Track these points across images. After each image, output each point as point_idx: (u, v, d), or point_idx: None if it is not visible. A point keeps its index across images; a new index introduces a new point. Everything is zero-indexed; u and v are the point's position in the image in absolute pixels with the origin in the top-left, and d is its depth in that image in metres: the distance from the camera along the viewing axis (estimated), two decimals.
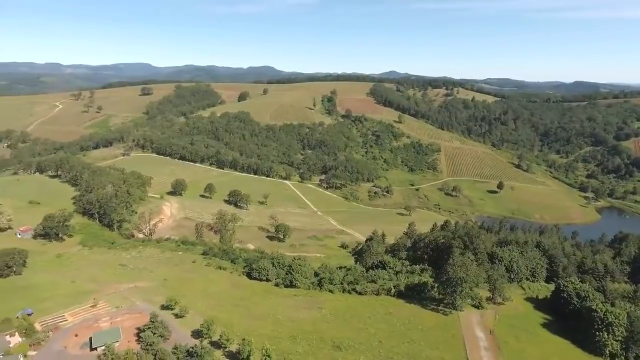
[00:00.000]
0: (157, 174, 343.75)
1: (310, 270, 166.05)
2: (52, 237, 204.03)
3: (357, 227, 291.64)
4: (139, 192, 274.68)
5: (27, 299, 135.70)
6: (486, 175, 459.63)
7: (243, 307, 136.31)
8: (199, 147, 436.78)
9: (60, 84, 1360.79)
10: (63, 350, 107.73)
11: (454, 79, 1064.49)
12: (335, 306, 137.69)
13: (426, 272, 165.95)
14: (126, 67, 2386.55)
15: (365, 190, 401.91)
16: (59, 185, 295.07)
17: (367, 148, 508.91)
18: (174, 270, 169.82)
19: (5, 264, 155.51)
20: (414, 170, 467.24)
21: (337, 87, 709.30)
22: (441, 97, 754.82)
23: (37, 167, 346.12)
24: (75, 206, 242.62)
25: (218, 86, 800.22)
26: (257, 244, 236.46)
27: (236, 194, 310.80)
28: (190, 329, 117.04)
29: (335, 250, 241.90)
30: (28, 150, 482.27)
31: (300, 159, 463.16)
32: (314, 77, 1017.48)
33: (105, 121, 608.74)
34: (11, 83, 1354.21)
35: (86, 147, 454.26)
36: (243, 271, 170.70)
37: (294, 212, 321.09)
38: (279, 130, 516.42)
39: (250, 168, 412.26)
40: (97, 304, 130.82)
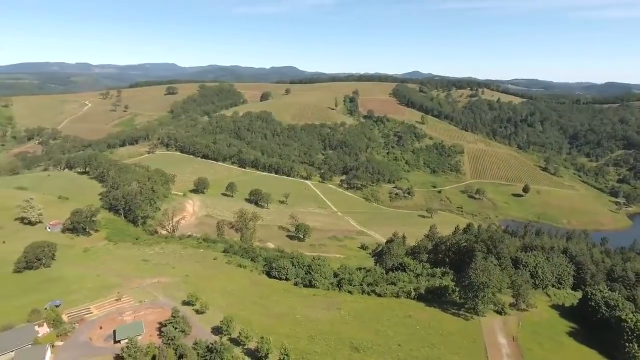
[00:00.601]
0: (181, 172, 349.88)
1: (329, 271, 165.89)
2: (79, 232, 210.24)
3: (377, 229, 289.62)
4: (162, 189, 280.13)
5: (55, 291, 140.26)
6: (511, 178, 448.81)
7: (262, 306, 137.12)
8: (221, 146, 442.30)
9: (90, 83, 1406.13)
10: (88, 341, 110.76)
11: (479, 79, 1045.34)
12: (354, 307, 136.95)
13: (447, 275, 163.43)
14: (152, 67, 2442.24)
15: (386, 192, 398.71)
16: (87, 181, 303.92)
17: (389, 149, 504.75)
18: (196, 267, 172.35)
19: (36, 257, 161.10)
20: (436, 172, 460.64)
21: (359, 87, 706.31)
22: (465, 98, 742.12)
23: (67, 163, 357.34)
24: (102, 202, 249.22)
25: (241, 86, 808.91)
26: (277, 243, 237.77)
27: (257, 193, 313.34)
28: (210, 325, 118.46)
29: (355, 251, 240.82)
30: (58, 147, 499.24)
31: (321, 159, 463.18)
32: (336, 77, 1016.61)
33: (132, 120, 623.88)
34: (43, 82, 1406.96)
35: (113, 144, 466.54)
36: (263, 270, 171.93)
37: (314, 212, 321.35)
38: (301, 130, 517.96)
39: (272, 167, 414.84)
40: (121, 298, 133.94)
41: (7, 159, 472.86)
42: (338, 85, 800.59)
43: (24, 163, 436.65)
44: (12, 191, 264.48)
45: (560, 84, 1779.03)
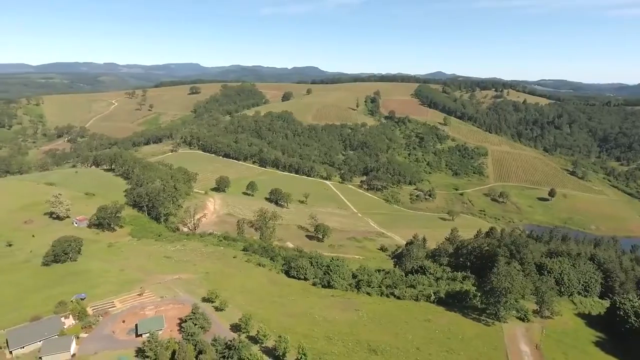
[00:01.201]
0: (203, 170, 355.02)
1: (348, 272, 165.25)
2: (104, 227, 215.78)
3: (397, 230, 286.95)
4: (185, 187, 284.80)
5: (81, 284, 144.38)
6: (536, 181, 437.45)
7: (280, 305, 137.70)
8: (242, 145, 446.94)
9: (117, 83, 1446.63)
10: (111, 334, 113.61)
11: (504, 80, 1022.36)
12: (372, 309, 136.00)
13: (468, 280, 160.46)
14: (176, 67, 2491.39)
15: (406, 193, 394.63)
16: (113, 178, 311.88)
17: (410, 150, 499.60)
18: (216, 265, 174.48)
19: (63, 251, 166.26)
20: (458, 174, 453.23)
21: (381, 88, 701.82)
22: (490, 99, 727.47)
23: (94, 160, 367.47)
24: (127, 199, 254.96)
25: (263, 86, 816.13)
26: (296, 242, 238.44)
27: (277, 192, 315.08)
28: (229, 323, 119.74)
29: (374, 253, 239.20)
30: (86, 144, 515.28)
31: (342, 159, 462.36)
32: (357, 78, 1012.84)
33: (156, 119, 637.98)
34: (73, 82, 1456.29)
35: (138, 143, 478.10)
36: (281, 269, 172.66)
37: (334, 212, 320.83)
38: (321, 130, 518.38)
39: (292, 167, 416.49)
40: (144, 293, 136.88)
41: (37, 156, 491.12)
42: (359, 85, 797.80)
43: (53, 160, 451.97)
44: (42, 187, 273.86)
45: (590, 85, 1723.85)
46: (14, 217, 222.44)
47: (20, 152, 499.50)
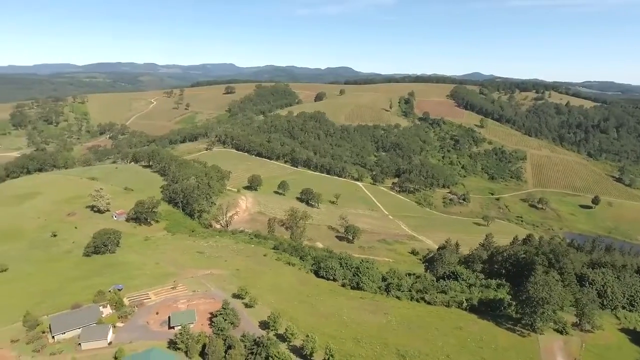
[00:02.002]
0: (236, 168, 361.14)
1: (377, 274, 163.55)
2: (141, 221, 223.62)
3: (429, 234, 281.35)
4: (218, 185, 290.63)
5: (118, 276, 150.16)
6: (579, 188, 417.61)
7: (309, 304, 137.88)
8: (275, 144, 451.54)
9: (156, 83, 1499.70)
10: (146, 325, 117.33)
11: (546, 81, 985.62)
12: (401, 313, 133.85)
13: (503, 287, 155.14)
14: (213, 67, 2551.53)
15: (440, 197, 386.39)
16: (150, 174, 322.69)
17: (444, 152, 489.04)
18: (246, 262, 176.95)
19: (103, 243, 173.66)
20: (494, 178, 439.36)
21: (415, 89, 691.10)
22: (530, 101, 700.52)
23: (133, 157, 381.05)
24: (163, 195, 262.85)
25: (296, 86, 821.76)
26: (326, 243, 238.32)
27: (308, 192, 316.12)
28: (257, 320, 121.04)
29: (405, 256, 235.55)
30: (126, 141, 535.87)
31: (374, 160, 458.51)
32: (391, 78, 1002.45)
33: (192, 117, 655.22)
34: (115, 81, 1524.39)
35: (174, 140, 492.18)
36: (311, 269, 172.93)
37: (365, 214, 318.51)
38: (354, 131, 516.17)
39: (323, 167, 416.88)
40: (177, 287, 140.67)
41: (81, 152, 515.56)
42: (393, 86, 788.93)
43: (95, 155, 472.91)
44: (84, 181, 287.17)
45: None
46: (59, 209, 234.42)
47: (65, 148, 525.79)
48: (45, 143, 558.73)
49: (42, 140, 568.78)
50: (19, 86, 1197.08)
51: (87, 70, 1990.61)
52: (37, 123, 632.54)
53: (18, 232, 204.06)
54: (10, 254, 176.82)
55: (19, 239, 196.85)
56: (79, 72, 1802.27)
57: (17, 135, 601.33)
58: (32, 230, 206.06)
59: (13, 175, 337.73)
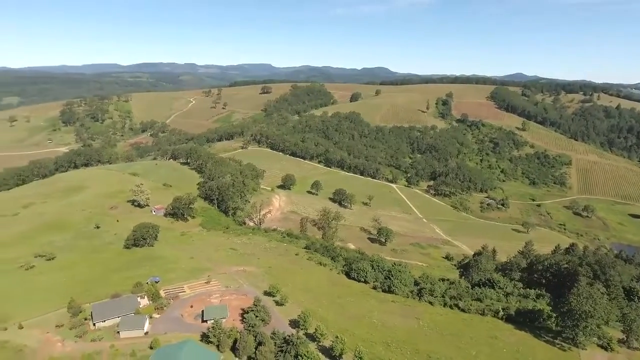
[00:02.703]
0: (270, 167, 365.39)
1: (410, 278, 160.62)
2: (178, 217, 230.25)
3: (465, 239, 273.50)
4: (252, 183, 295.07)
5: (156, 268, 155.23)
6: (629, 196, 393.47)
7: (339, 305, 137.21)
8: (309, 144, 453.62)
9: (195, 82, 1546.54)
10: (180, 317, 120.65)
11: (595, 82, 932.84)
12: (434, 319, 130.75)
13: (543, 298, 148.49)
14: (250, 67, 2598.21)
15: (477, 201, 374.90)
16: (188, 171, 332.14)
17: (483, 156, 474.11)
18: (278, 260, 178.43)
19: (142, 236, 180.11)
20: (536, 183, 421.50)
21: (454, 90, 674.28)
22: (577, 103, 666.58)
23: (172, 154, 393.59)
24: (199, 191, 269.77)
25: (331, 86, 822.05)
26: (357, 244, 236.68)
27: (341, 192, 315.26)
28: (288, 318, 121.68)
29: (439, 261, 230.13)
30: (166, 139, 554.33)
31: (409, 162, 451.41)
32: (429, 79, 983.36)
33: (229, 116, 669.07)
34: (157, 81, 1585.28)
35: (211, 139, 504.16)
36: (342, 270, 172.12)
37: (398, 216, 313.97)
38: (389, 132, 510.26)
39: (357, 168, 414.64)
40: (211, 281, 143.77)
41: (124, 148, 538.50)
42: (431, 87, 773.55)
43: (137, 152, 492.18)
44: (126, 176, 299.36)
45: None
46: (103, 202, 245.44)
47: (110, 144, 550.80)
48: (92, 139, 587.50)
49: (88, 137, 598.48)
50: (69, 85, 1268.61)
51: (132, 70, 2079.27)
52: (84, 120, 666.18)
53: (65, 224, 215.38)
54: (58, 244, 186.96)
55: (66, 229, 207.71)
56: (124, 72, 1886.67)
57: (66, 131, 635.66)
58: (78, 222, 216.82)
59: (62, 169, 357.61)
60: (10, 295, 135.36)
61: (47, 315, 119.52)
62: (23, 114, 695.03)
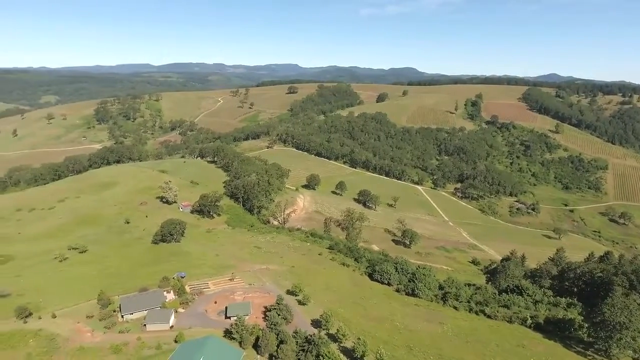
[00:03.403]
0: (295, 167, 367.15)
1: (434, 282, 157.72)
2: (204, 214, 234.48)
3: (492, 244, 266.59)
4: (277, 182, 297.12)
5: (182, 264, 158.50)
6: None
7: (361, 307, 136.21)
8: (334, 145, 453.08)
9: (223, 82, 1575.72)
10: (204, 313, 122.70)
11: (634, 84, 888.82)
12: (458, 324, 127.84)
13: (574, 307, 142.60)
14: (277, 67, 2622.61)
15: (506, 205, 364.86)
16: (214, 169, 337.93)
17: (513, 159, 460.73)
18: (301, 260, 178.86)
19: (169, 232, 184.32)
20: (569, 188, 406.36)
21: (484, 91, 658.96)
22: (615, 105, 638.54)
23: (199, 152, 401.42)
24: (225, 189, 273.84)
25: (358, 87, 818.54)
26: (381, 246, 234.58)
27: (366, 193, 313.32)
28: (310, 318, 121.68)
29: (465, 265, 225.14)
30: (194, 138, 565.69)
31: (435, 164, 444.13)
32: (458, 80, 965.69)
33: (255, 116, 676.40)
34: (186, 80, 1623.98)
35: (238, 138, 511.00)
36: (365, 271, 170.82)
37: (423, 218, 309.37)
38: (415, 133, 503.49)
39: (382, 169, 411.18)
40: (234, 279, 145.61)
41: (154, 146, 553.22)
42: (459, 87, 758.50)
43: (166, 150, 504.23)
44: (155, 173, 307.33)
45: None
46: (133, 198, 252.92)
47: (140, 142, 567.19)
48: (124, 137, 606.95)
49: (120, 135, 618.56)
50: (104, 85, 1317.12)
51: (162, 70, 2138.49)
52: (117, 118, 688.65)
53: (97, 218, 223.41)
54: (90, 237, 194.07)
55: (98, 224, 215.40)
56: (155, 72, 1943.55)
57: (100, 129, 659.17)
58: (109, 217, 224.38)
59: (95, 165, 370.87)
60: (45, 285, 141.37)
61: (78, 305, 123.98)
62: (60, 112, 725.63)
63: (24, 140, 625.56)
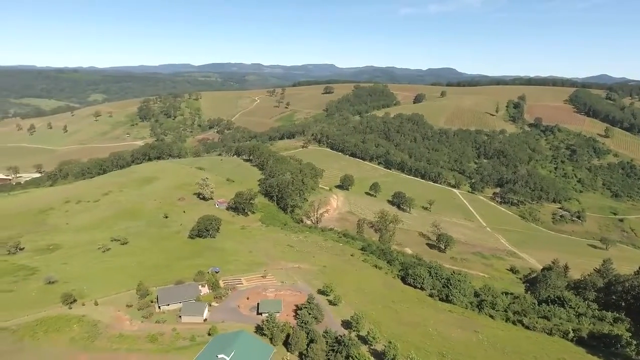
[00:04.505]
0: (329, 167, 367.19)
1: (470, 289, 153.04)
2: (239, 211, 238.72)
3: (533, 252, 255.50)
4: (311, 182, 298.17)
5: (216, 259, 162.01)
6: None
7: (393, 310, 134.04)
8: (369, 145, 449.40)
9: (260, 82, 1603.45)
10: (237, 308, 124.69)
11: None
12: (494, 334, 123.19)
13: (621, 323, 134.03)
14: (314, 67, 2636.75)
15: (548, 212, 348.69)
16: (250, 168, 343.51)
17: (558, 163, 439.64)
18: (333, 260, 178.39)
19: (205, 227, 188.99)
20: (619, 196, 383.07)
21: (527, 92, 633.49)
22: None
23: (236, 151, 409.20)
24: (260, 188, 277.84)
25: (394, 87, 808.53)
26: (415, 249, 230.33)
27: (400, 195, 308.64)
28: (340, 318, 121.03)
29: (503, 273, 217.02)
30: (231, 136, 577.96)
31: (474, 167, 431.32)
32: (500, 80, 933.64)
33: (291, 116, 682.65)
34: (225, 80, 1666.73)
35: (273, 137, 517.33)
36: (398, 274, 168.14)
37: (460, 223, 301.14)
38: (453, 135, 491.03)
39: (418, 171, 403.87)
40: (267, 276, 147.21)
41: (192, 144, 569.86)
42: (501, 89, 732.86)
43: (204, 148, 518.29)
44: (193, 170, 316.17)
45: None
46: (171, 194, 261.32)
47: (180, 139, 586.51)
48: (164, 134, 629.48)
49: (161, 132, 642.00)
50: (147, 84, 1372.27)
51: (202, 70, 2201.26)
52: (158, 116, 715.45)
53: (138, 212, 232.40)
54: (131, 230, 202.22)
55: (139, 217, 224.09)
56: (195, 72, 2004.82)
57: (143, 126, 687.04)
58: (150, 211, 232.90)
59: (137, 161, 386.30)
60: (88, 274, 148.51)
61: (118, 294, 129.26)
62: (107, 109, 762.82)
63: (73, 136, 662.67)
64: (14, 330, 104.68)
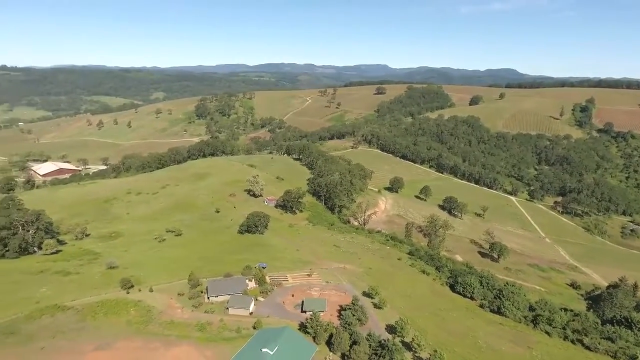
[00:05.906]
0: (378, 168, 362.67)
1: (524, 302, 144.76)
2: (287, 209, 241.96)
3: (597, 268, 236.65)
4: (360, 183, 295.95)
5: (263, 255, 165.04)
6: None
7: (440, 318, 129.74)
8: (421, 148, 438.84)
9: (312, 82, 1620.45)
10: (281, 304, 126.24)
11: None
12: (550, 352, 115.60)
13: None
14: (366, 68, 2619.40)
15: (617, 225, 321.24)
16: (299, 167, 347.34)
17: (630, 172, 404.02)
18: (380, 262, 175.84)
19: (254, 224, 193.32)
20: None
21: (596, 95, 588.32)
22: None
23: (286, 149, 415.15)
24: (308, 187, 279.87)
25: (449, 88, 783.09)
26: (466, 257, 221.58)
27: (452, 200, 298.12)
28: (384, 322, 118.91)
29: (562, 288, 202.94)
30: (282, 135, 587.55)
31: (533, 174, 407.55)
32: (565, 82, 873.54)
33: (342, 116, 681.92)
34: (278, 80, 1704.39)
35: (323, 137, 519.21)
36: (446, 281, 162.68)
37: (515, 232, 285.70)
38: (512, 139, 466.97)
39: (472, 176, 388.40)
40: (312, 275, 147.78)
41: (245, 141, 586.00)
42: (566, 91, 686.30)
43: (256, 146, 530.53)
44: (245, 167, 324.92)
45: None
46: (223, 189, 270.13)
47: (233, 137, 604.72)
48: (219, 132, 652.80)
49: (216, 130, 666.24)
50: (204, 83, 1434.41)
51: (256, 70, 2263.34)
52: (214, 115, 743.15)
53: (192, 205, 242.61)
54: (185, 222, 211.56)
55: (192, 211, 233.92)
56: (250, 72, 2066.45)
57: (199, 124, 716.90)
58: (203, 205, 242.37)
59: (193, 157, 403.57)
60: (145, 261, 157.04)
61: (171, 283, 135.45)
62: (167, 107, 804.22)
63: (136, 131, 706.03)
64: (78, 310, 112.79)
